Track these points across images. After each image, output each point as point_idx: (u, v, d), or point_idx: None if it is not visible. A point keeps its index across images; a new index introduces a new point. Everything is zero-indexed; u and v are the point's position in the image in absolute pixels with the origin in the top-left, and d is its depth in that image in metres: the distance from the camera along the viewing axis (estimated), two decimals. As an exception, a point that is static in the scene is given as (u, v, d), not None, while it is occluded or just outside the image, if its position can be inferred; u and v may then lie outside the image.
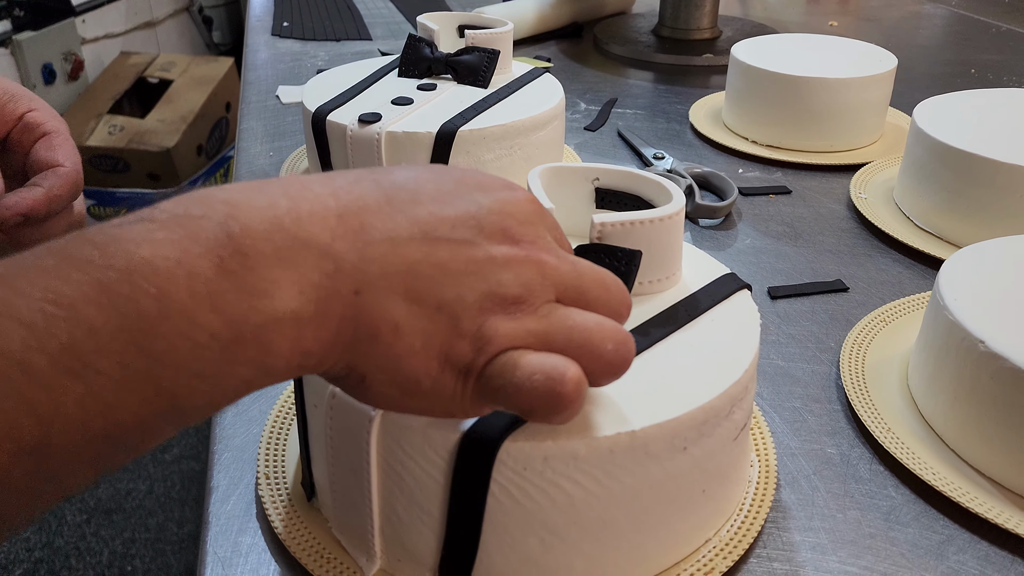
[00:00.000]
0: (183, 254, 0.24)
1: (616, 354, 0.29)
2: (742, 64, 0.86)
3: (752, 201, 0.76)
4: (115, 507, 1.55)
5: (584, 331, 0.29)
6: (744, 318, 0.41)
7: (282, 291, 0.25)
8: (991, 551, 0.41)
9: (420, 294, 0.28)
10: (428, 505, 0.35)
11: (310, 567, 0.38)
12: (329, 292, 0.26)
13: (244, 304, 0.25)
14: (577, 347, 0.29)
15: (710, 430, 0.36)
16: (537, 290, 0.29)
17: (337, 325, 0.27)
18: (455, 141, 0.66)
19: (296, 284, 0.26)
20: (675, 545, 0.38)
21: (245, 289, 0.25)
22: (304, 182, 0.28)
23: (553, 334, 0.29)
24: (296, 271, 0.26)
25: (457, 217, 0.29)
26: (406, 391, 0.29)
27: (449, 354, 0.28)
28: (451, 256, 0.28)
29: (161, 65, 2.56)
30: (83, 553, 1.47)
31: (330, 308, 0.26)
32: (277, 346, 0.25)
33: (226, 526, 0.42)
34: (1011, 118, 0.71)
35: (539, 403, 0.28)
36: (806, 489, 0.44)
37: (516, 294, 0.29)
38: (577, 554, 0.36)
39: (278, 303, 0.25)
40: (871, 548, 0.41)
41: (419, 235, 0.28)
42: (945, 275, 0.49)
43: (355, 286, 0.27)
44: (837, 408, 0.50)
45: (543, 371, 0.28)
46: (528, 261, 0.29)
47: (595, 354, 0.29)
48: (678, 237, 0.42)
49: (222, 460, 0.46)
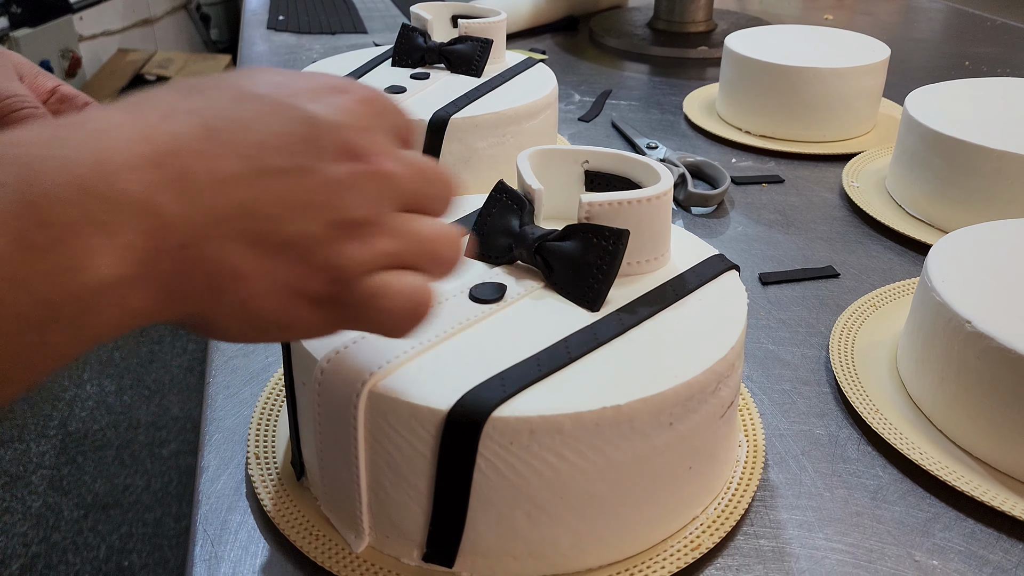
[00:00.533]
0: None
1: (453, 258, 0.31)
2: (736, 54, 0.86)
3: (745, 190, 0.76)
4: (112, 502, 1.56)
5: (429, 242, 0.30)
6: (732, 297, 0.41)
7: (99, 259, 0.23)
8: (977, 528, 0.41)
9: (259, 235, 0.26)
10: (415, 480, 0.35)
11: (299, 544, 0.39)
12: (154, 251, 0.24)
13: (57, 282, 0.22)
14: (425, 259, 0.30)
15: (696, 406, 0.36)
16: (383, 205, 0.28)
17: (166, 282, 0.25)
18: (447, 129, 0.66)
19: (115, 250, 0.23)
20: (662, 521, 0.39)
21: (56, 265, 0.22)
22: (111, 124, 0.25)
23: (403, 251, 0.29)
24: (113, 236, 0.23)
25: (290, 141, 0.27)
26: (259, 328, 0.28)
27: (301, 288, 0.27)
28: (288, 188, 0.26)
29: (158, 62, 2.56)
30: (80, 548, 1.47)
31: (158, 267, 0.24)
32: (100, 314, 0.24)
33: (216, 505, 0.42)
34: (1001, 107, 0.71)
35: (401, 325, 0.29)
36: (794, 469, 0.45)
37: (364, 216, 0.28)
38: (564, 528, 0.36)
39: (96, 272, 0.23)
40: (858, 526, 0.41)
41: (249, 171, 0.26)
42: (933, 258, 0.49)
43: (182, 239, 0.25)
44: (826, 391, 0.51)
45: (405, 295, 0.29)
46: (372, 176, 0.28)
47: (438, 262, 0.30)
48: (666, 218, 0.42)
49: (212, 441, 0.46)
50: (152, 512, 1.55)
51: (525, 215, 0.42)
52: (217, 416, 0.48)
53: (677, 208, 0.73)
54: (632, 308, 0.40)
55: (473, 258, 0.43)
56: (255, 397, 0.49)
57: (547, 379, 0.35)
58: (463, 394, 0.34)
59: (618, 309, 0.40)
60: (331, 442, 0.37)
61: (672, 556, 0.38)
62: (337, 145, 0.27)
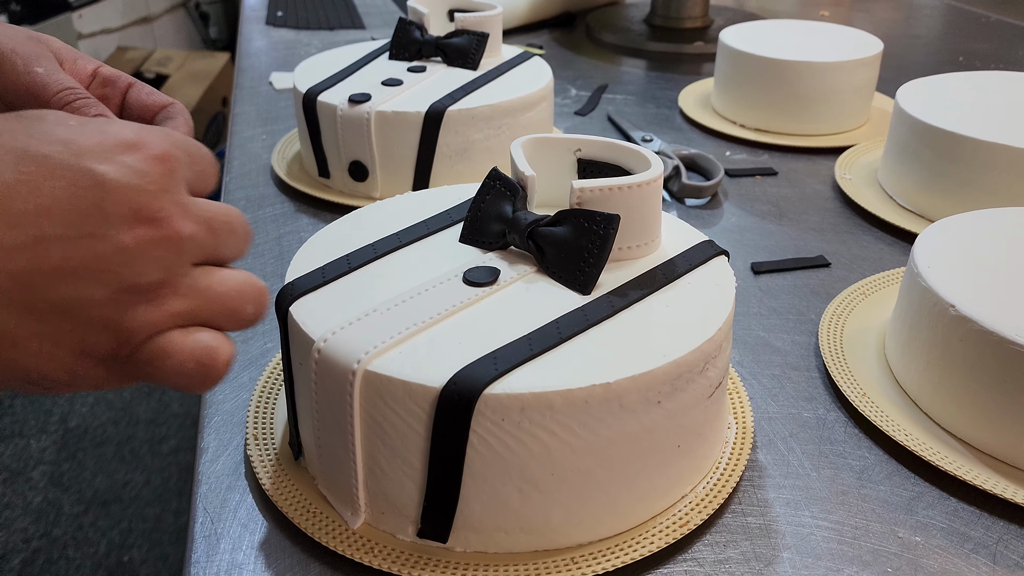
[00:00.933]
0: None
1: (255, 315, 0.30)
2: (730, 49, 0.87)
3: (739, 182, 0.77)
4: (112, 498, 1.56)
5: (226, 299, 0.29)
6: (720, 281, 0.42)
7: None
8: (959, 506, 0.42)
9: (34, 302, 0.25)
10: (410, 457, 0.36)
11: (297, 521, 0.40)
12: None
13: None
14: (222, 316, 0.29)
15: (684, 385, 0.37)
16: (176, 269, 0.27)
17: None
18: (444, 120, 0.67)
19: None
20: (651, 499, 0.39)
21: None
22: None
23: (198, 310, 0.28)
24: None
25: (75, 207, 0.25)
26: (43, 387, 0.27)
27: (85, 349, 0.26)
28: (70, 256, 0.25)
29: (158, 60, 2.57)
30: (81, 543, 1.48)
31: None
32: None
33: (215, 484, 0.43)
34: (992, 99, 0.72)
35: (192, 383, 0.28)
36: (782, 450, 0.45)
37: (155, 280, 0.27)
38: (555, 504, 0.37)
39: None
40: (843, 504, 0.42)
41: (26, 240, 0.25)
42: (920, 245, 0.50)
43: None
44: (815, 376, 0.51)
45: (194, 357, 0.28)
46: (164, 242, 0.27)
47: (238, 319, 0.29)
48: (656, 203, 0.43)
49: (212, 423, 0.47)
50: (152, 508, 1.55)
51: (518, 201, 0.43)
52: (216, 399, 0.48)
53: (671, 199, 0.74)
54: (622, 291, 0.41)
55: (467, 244, 0.44)
56: (253, 381, 0.50)
57: (538, 358, 0.36)
58: (456, 372, 0.35)
59: (609, 292, 0.40)
60: (328, 420, 0.38)
61: (661, 532, 0.39)
62: (126, 210, 0.26)
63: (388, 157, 0.68)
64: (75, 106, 0.39)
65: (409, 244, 0.45)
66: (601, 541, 0.39)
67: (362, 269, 0.42)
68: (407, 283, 0.41)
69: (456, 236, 0.45)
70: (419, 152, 0.68)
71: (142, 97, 0.43)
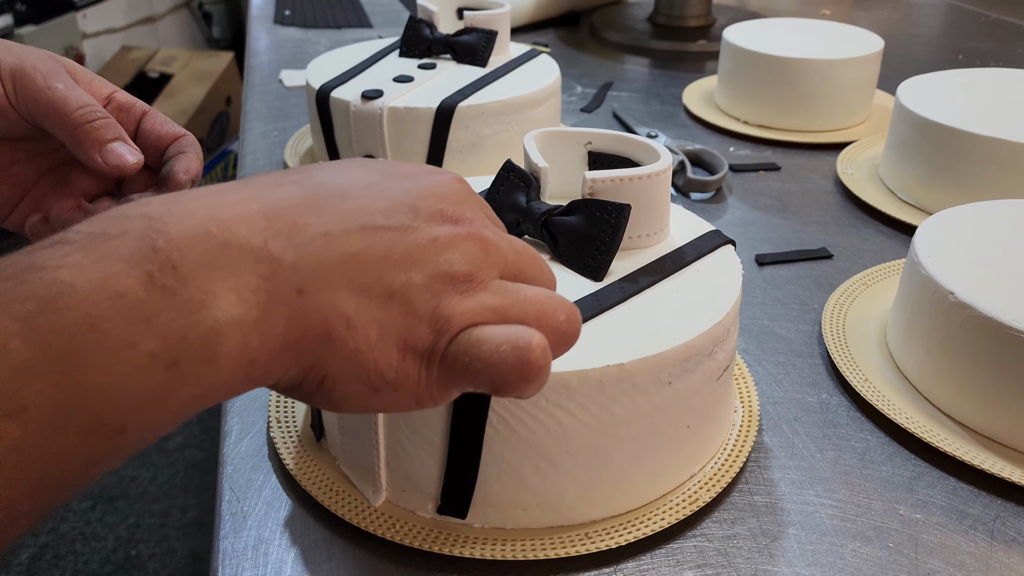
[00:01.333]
0: (107, 274, 0.22)
1: (568, 324, 0.30)
2: (734, 47, 0.89)
3: (742, 177, 0.79)
4: (119, 494, 1.58)
5: (537, 303, 0.29)
6: (727, 268, 0.44)
7: (220, 300, 0.24)
8: (958, 486, 0.43)
9: (367, 285, 0.27)
10: (431, 435, 0.38)
11: (320, 499, 0.41)
12: (270, 295, 0.25)
13: (181, 319, 0.23)
14: (534, 319, 0.29)
15: (693, 367, 0.39)
16: (484, 266, 0.29)
17: (284, 328, 0.25)
18: (454, 116, 0.68)
19: (234, 291, 0.24)
20: (662, 477, 0.41)
21: (180, 303, 0.23)
22: (221, 189, 0.27)
23: (508, 308, 0.29)
24: (231, 277, 0.24)
25: (390, 205, 0.28)
26: (372, 386, 0.27)
27: (408, 340, 0.27)
28: (392, 243, 0.27)
29: (162, 59, 2.58)
30: (88, 538, 1.49)
31: (273, 312, 0.25)
32: (223, 358, 0.24)
33: (240, 465, 0.44)
34: (990, 96, 0.73)
35: (509, 374, 0.27)
36: (787, 433, 0.47)
37: (465, 272, 0.28)
38: (570, 481, 0.38)
39: (218, 313, 0.24)
40: (846, 484, 0.44)
41: (355, 227, 0.27)
42: (921, 235, 0.51)
43: (297, 285, 0.26)
44: (819, 362, 0.53)
45: (509, 341, 0.27)
46: (471, 238, 0.29)
47: (550, 325, 0.29)
48: (665, 194, 0.45)
49: (234, 408, 0.48)
50: (159, 503, 1.57)
51: (532, 192, 0.44)
52: (238, 385, 0.50)
53: (677, 194, 0.75)
54: (633, 278, 0.42)
55: None
56: (274, 368, 0.51)
57: (554, 340, 0.37)
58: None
59: (620, 279, 0.42)
60: (351, 402, 0.39)
61: (671, 509, 0.40)
62: (435, 212, 0.29)
63: (400, 152, 0.70)
64: (94, 125, 0.40)
65: (426, 234, 0.46)
66: (614, 517, 0.40)
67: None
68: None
69: (471, 226, 0.46)
70: (430, 147, 0.69)
71: (156, 126, 0.43)
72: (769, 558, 0.39)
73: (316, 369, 0.27)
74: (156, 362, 0.23)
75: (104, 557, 1.46)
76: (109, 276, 0.22)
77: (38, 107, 0.39)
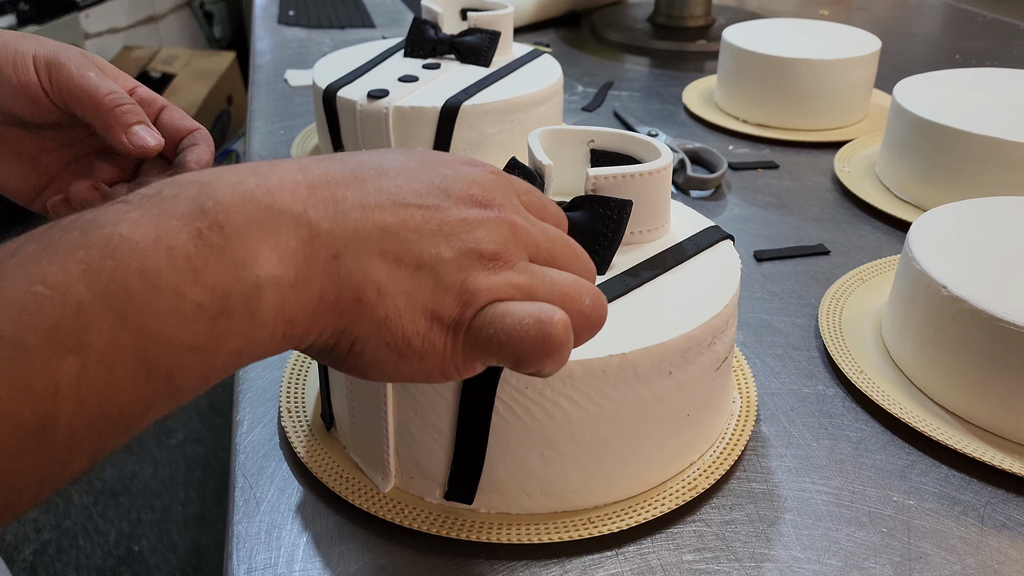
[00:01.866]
0: (161, 229, 0.25)
1: (594, 308, 0.31)
2: (733, 47, 0.90)
3: (741, 175, 0.80)
4: (121, 489, 1.59)
5: (563, 286, 0.30)
6: (726, 262, 0.45)
7: (262, 258, 0.26)
8: (950, 474, 0.45)
9: (399, 255, 0.29)
10: (439, 423, 0.39)
11: (331, 486, 0.42)
12: (307, 258, 0.27)
13: (226, 274, 0.25)
14: (559, 300, 0.30)
15: (693, 357, 0.40)
16: (512, 248, 0.30)
17: (319, 290, 0.27)
18: (459, 115, 0.70)
19: (275, 251, 0.26)
20: (662, 464, 0.42)
21: (226, 259, 0.25)
22: (270, 163, 0.29)
23: (534, 287, 0.30)
24: (273, 239, 0.26)
25: (424, 187, 0.30)
26: (399, 352, 0.29)
27: (435, 310, 0.29)
28: (424, 219, 0.29)
29: (164, 59, 2.59)
30: (91, 533, 1.50)
31: (310, 273, 0.27)
32: (263, 313, 0.26)
33: (252, 453, 0.45)
34: (986, 95, 0.74)
35: (531, 347, 0.29)
36: (784, 423, 0.48)
37: (493, 250, 0.30)
38: (573, 468, 0.40)
39: (259, 270, 0.26)
40: (841, 471, 0.45)
41: (389, 202, 0.29)
42: (915, 231, 0.53)
43: (332, 251, 0.28)
44: (815, 355, 0.54)
45: (532, 315, 0.29)
46: (500, 221, 0.30)
47: (575, 308, 0.30)
48: (665, 190, 0.46)
49: (246, 398, 0.49)
50: (160, 499, 1.58)
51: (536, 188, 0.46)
52: (248, 376, 0.51)
53: (676, 191, 0.77)
54: (635, 272, 0.43)
55: None
56: (284, 360, 0.52)
57: (558, 331, 0.39)
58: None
59: (622, 272, 0.43)
60: (361, 391, 0.41)
61: (671, 495, 0.42)
62: (466, 196, 0.31)
63: (405, 150, 0.71)
64: (122, 109, 0.43)
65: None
66: (616, 503, 0.41)
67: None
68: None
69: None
70: (435, 145, 0.71)
71: (174, 120, 0.46)
72: (766, 542, 0.40)
73: (348, 332, 0.29)
74: (202, 312, 0.25)
75: (106, 551, 1.47)
76: (162, 231, 0.25)
77: (72, 93, 0.42)
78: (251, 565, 0.39)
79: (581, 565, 0.39)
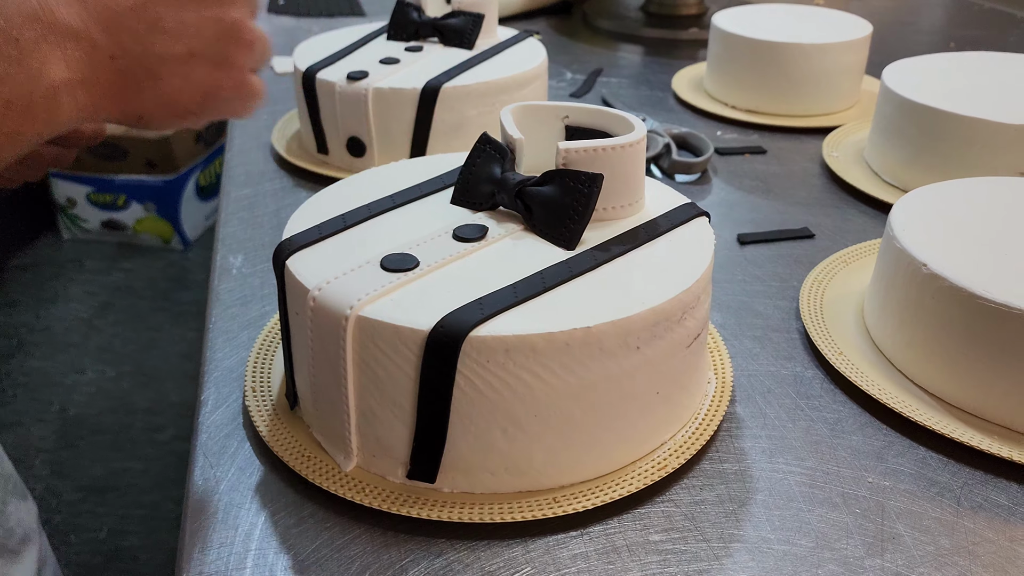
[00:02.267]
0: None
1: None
2: (722, 31, 0.89)
3: (728, 160, 0.79)
4: (110, 486, 1.58)
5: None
6: (700, 238, 0.44)
7: (56, 66, 0.34)
8: (928, 455, 0.44)
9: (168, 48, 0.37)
10: (400, 399, 0.38)
11: (292, 465, 0.41)
12: (91, 62, 0.35)
13: (28, 80, 0.33)
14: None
15: (662, 332, 0.39)
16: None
17: (104, 86, 0.36)
18: (439, 97, 0.69)
19: (63, 60, 0.34)
20: (632, 443, 0.41)
21: (25, 68, 0.33)
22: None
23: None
24: (60, 50, 0.34)
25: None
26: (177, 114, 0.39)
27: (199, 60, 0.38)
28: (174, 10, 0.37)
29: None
30: (80, 530, 1.49)
31: (96, 73, 0.35)
32: (62, 106, 0.34)
33: (215, 433, 0.45)
34: (974, 78, 0.73)
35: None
36: (760, 404, 0.47)
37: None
38: (538, 445, 0.39)
39: (54, 76, 0.34)
40: (816, 452, 0.44)
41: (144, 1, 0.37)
42: (897, 210, 0.52)
43: (110, 53, 0.36)
44: (795, 337, 0.53)
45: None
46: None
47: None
48: (639, 165, 0.45)
49: (212, 379, 0.48)
50: (149, 495, 1.57)
51: (507, 163, 0.45)
52: (216, 357, 0.50)
53: (662, 176, 0.76)
54: (606, 247, 0.42)
55: (458, 205, 0.46)
56: (252, 340, 0.52)
57: (523, 304, 0.38)
58: (444, 316, 0.36)
59: (593, 247, 0.42)
60: (323, 367, 0.40)
61: (640, 475, 0.41)
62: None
63: (385, 133, 0.70)
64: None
65: (402, 205, 0.46)
66: (583, 483, 0.40)
67: (357, 227, 0.44)
68: (399, 239, 0.42)
69: (448, 199, 0.47)
70: (415, 128, 0.70)
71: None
72: (736, 523, 0.39)
73: (134, 110, 0.38)
74: (10, 109, 0.32)
75: (94, 549, 1.46)
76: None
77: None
78: (206, 543, 0.38)
79: (545, 545, 0.38)
